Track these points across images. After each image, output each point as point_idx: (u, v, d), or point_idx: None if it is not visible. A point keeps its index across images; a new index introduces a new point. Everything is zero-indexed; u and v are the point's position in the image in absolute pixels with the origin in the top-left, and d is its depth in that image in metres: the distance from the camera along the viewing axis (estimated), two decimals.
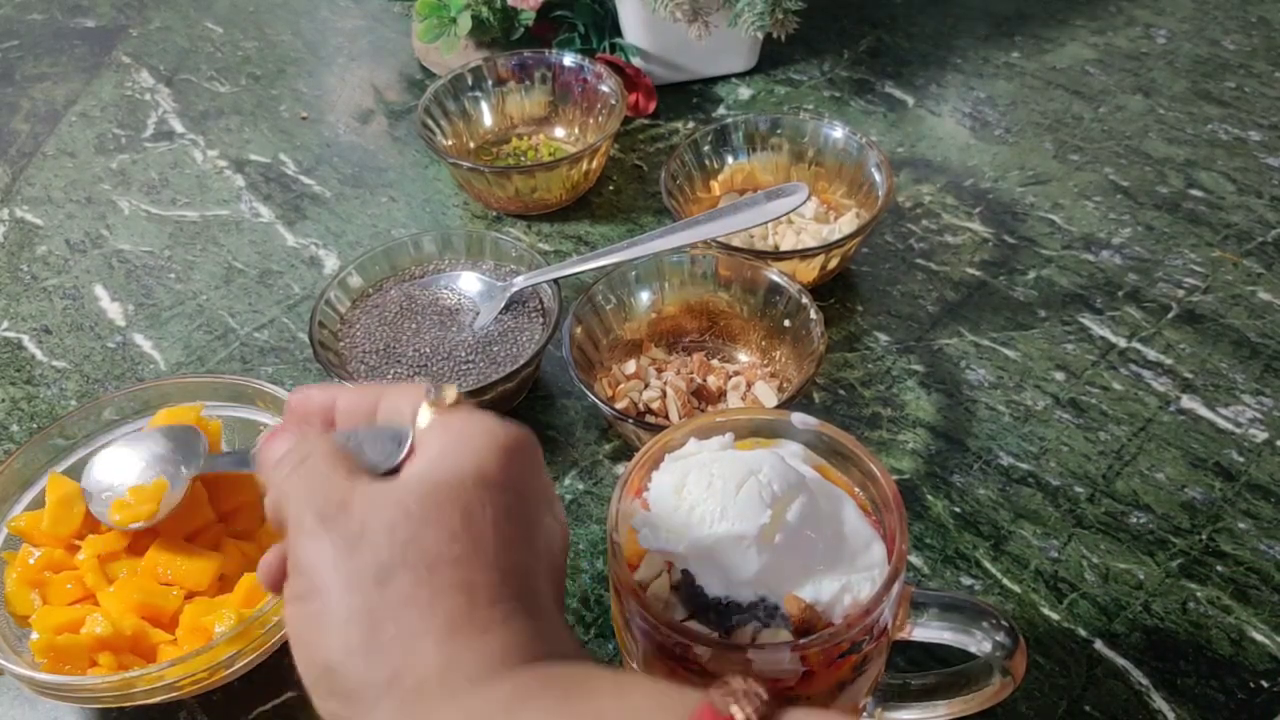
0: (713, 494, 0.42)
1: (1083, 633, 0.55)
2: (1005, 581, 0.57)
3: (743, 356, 0.68)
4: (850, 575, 0.43)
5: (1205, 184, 0.80)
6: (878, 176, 0.73)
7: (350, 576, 0.34)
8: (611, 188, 0.84)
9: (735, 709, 0.30)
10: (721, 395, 0.65)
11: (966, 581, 0.57)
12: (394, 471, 0.37)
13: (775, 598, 0.42)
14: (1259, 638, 0.54)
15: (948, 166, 0.83)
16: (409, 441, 0.38)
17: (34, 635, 0.53)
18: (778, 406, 0.61)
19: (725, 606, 0.43)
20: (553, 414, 0.68)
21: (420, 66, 0.98)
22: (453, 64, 0.89)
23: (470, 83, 0.85)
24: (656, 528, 0.43)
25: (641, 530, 0.44)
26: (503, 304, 0.69)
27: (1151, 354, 0.68)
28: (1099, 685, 0.53)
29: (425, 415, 0.38)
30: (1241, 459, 0.62)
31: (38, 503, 0.58)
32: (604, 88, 0.84)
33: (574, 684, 0.32)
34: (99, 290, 0.78)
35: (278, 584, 0.38)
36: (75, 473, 0.58)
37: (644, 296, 0.68)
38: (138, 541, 0.56)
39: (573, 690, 0.32)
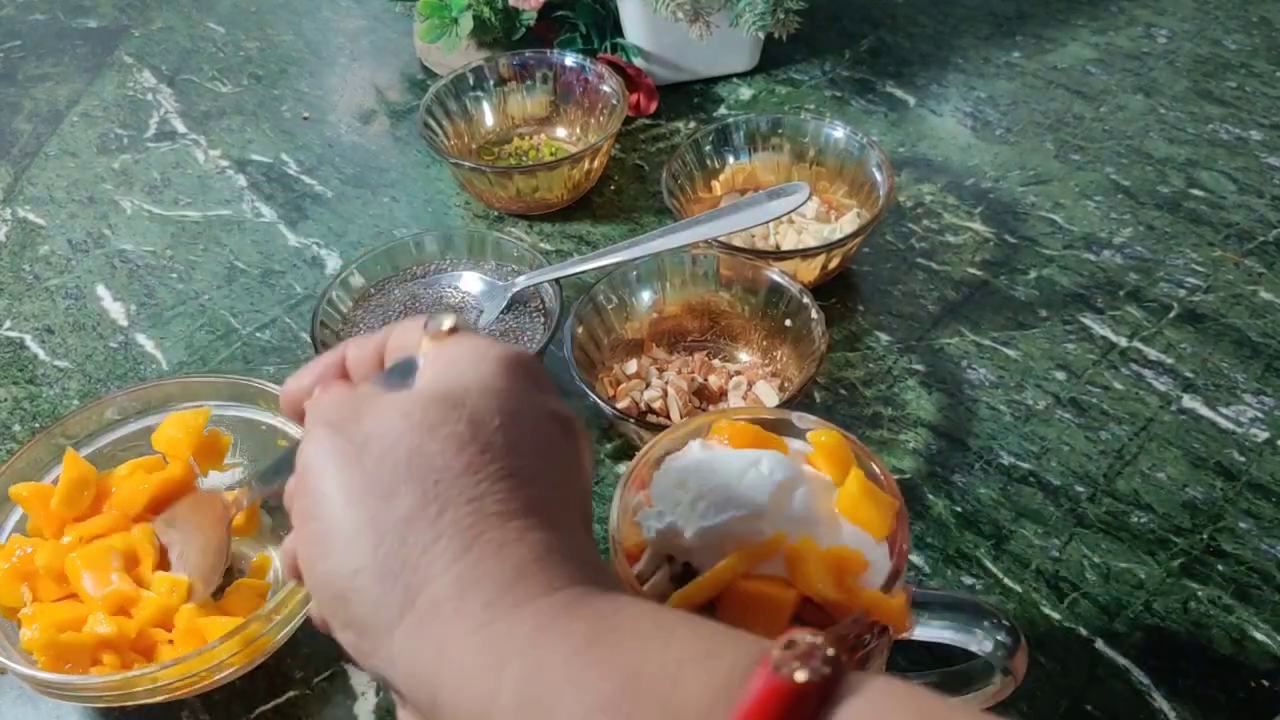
0: (714, 486, 0.43)
1: (1084, 632, 0.55)
2: (1006, 581, 0.57)
3: (744, 356, 0.69)
4: None
5: (1206, 184, 0.80)
6: (879, 176, 0.73)
7: (353, 489, 0.32)
8: (613, 188, 0.84)
9: (800, 672, 0.25)
10: (723, 395, 0.65)
11: (967, 581, 0.57)
12: None
13: None
14: (1260, 637, 0.54)
15: (949, 166, 0.83)
16: (417, 371, 0.36)
17: (24, 630, 0.52)
18: (779, 406, 0.61)
19: None
20: None
21: (422, 66, 0.98)
22: (454, 64, 0.89)
23: (472, 83, 0.85)
24: (659, 518, 0.44)
25: (644, 522, 0.44)
26: (504, 304, 0.69)
27: (1153, 353, 0.68)
28: (1100, 685, 0.53)
29: (426, 345, 0.37)
30: (1243, 458, 0.62)
31: None
32: (605, 88, 0.84)
33: (604, 621, 0.30)
34: (101, 290, 0.78)
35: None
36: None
37: (645, 296, 0.68)
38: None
39: (603, 630, 0.29)
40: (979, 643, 0.43)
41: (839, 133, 0.76)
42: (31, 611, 0.53)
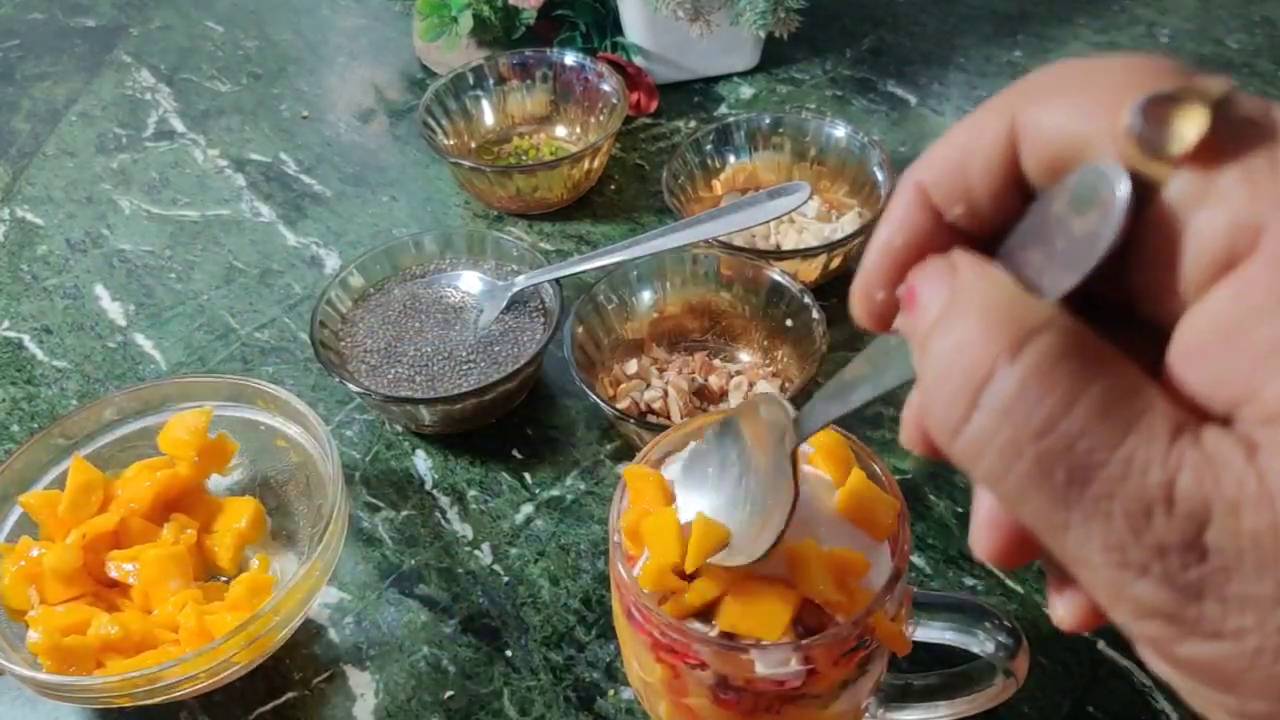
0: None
1: (1085, 633, 0.54)
2: (1008, 582, 0.57)
3: (745, 356, 0.68)
4: None
5: None
6: (880, 176, 0.73)
7: None
8: (613, 187, 0.84)
9: None
10: (723, 395, 0.65)
11: (969, 581, 0.57)
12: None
13: None
14: None
15: None
16: (1119, 199, 0.20)
17: (30, 632, 0.52)
18: None
19: None
20: (554, 414, 0.67)
21: (421, 65, 0.97)
22: (454, 63, 0.89)
23: (471, 82, 0.85)
24: None
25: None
26: (504, 303, 0.68)
27: None
28: (1102, 686, 0.52)
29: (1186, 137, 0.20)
30: None
31: None
32: (605, 86, 0.84)
33: None
34: (99, 290, 0.78)
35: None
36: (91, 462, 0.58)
37: (645, 296, 0.68)
38: (125, 528, 0.56)
39: None
40: (980, 644, 0.43)
41: (840, 132, 0.76)
42: (38, 614, 0.53)
